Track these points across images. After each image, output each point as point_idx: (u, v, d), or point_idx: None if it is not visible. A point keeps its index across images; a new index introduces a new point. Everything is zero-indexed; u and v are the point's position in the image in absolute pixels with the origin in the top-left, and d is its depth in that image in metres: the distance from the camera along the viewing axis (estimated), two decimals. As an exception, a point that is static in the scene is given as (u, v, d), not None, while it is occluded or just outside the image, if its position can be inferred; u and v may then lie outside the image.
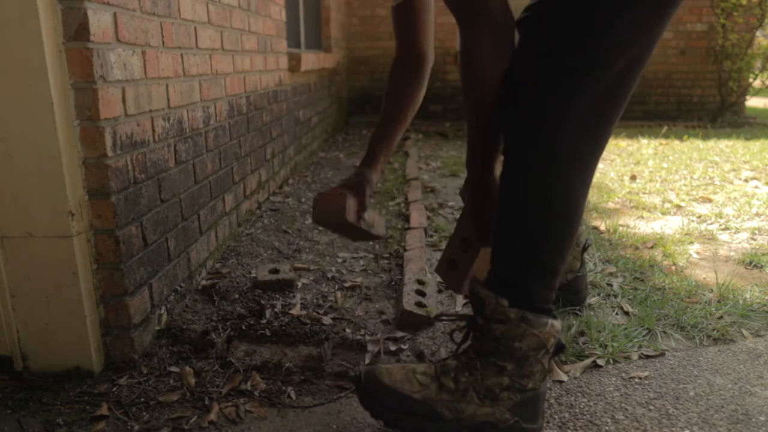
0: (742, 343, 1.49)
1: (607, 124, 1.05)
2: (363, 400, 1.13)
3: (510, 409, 1.09)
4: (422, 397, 1.09)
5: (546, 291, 1.08)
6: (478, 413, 1.08)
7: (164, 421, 1.21)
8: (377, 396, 1.10)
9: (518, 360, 1.07)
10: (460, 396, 1.08)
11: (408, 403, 1.09)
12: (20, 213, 1.27)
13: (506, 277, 1.08)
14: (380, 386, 1.10)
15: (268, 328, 1.56)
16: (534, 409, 1.10)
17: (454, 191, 3.20)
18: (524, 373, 1.08)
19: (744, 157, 4.05)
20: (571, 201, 1.06)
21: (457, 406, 1.08)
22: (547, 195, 1.05)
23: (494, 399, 1.08)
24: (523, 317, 1.05)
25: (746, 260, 2.03)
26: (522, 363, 1.07)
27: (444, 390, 1.09)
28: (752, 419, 1.19)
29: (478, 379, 1.09)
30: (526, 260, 1.07)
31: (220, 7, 2.13)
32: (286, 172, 3.36)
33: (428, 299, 1.67)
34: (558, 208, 1.05)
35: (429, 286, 1.75)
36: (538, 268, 1.07)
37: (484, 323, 1.09)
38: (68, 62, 1.23)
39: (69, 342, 1.34)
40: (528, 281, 1.07)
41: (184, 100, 1.77)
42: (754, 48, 6.14)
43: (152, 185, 1.54)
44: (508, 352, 1.07)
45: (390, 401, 1.09)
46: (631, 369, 1.38)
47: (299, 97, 3.71)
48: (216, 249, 2.07)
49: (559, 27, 1.01)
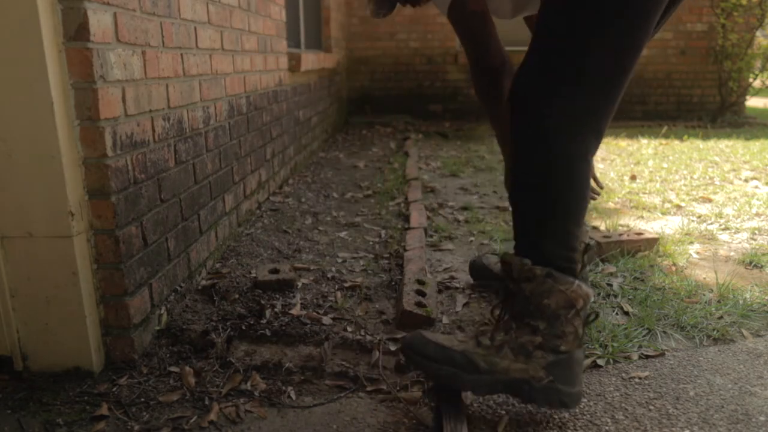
0: (742, 343, 1.49)
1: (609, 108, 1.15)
2: (405, 353, 1.21)
3: (544, 368, 1.13)
4: (461, 349, 1.17)
5: (564, 251, 1.15)
6: (512, 368, 1.14)
7: (164, 421, 1.21)
8: (419, 347, 1.19)
9: (549, 318, 1.14)
10: (495, 351, 1.16)
11: (447, 352, 1.17)
12: (20, 213, 1.27)
13: (525, 240, 1.18)
14: (423, 340, 1.20)
15: (268, 328, 1.56)
16: (570, 373, 1.14)
17: (454, 191, 3.20)
18: (556, 333, 1.14)
19: (744, 157, 4.05)
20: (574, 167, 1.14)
21: (493, 360, 1.15)
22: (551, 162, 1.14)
23: (528, 356, 1.14)
24: (549, 274, 1.13)
25: (746, 260, 2.03)
26: (553, 322, 1.14)
27: (481, 346, 1.17)
28: (752, 419, 1.19)
29: (513, 337, 1.16)
30: (537, 223, 1.16)
31: (220, 7, 2.13)
32: (286, 172, 3.36)
33: (428, 299, 1.67)
34: (561, 173, 1.14)
35: (429, 287, 1.75)
36: (550, 230, 1.15)
37: (514, 285, 1.16)
38: (68, 62, 1.23)
39: (69, 342, 1.34)
40: (543, 241, 1.15)
41: (184, 100, 1.77)
42: (754, 48, 6.13)
43: (152, 185, 1.54)
44: (538, 310, 1.14)
45: (430, 350, 1.18)
46: (631, 369, 1.38)
47: (299, 97, 3.71)
48: (216, 249, 2.07)
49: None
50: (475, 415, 1.21)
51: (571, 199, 1.15)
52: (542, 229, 1.16)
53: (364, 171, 3.78)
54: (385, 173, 3.68)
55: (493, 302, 1.50)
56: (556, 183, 1.14)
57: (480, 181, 3.45)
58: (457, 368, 1.15)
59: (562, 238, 1.16)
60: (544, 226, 1.16)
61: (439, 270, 1.97)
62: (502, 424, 1.18)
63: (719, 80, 6.25)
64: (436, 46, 6.52)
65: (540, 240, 1.16)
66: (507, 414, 1.22)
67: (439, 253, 2.15)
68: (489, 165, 3.94)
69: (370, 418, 1.22)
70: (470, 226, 2.51)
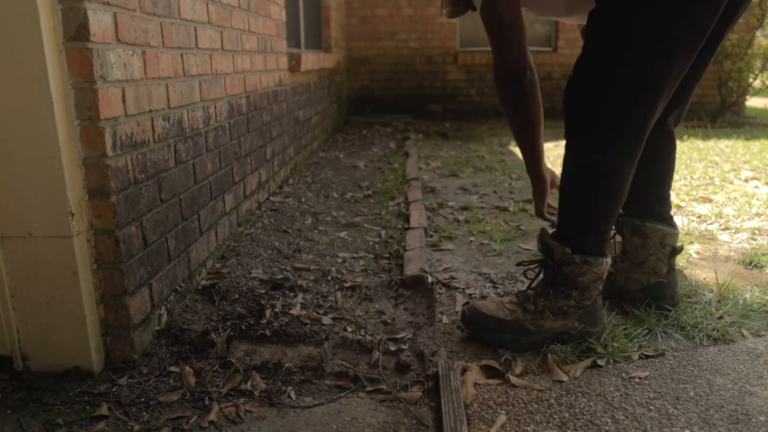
0: (742, 343, 1.49)
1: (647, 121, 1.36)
2: (470, 328, 1.51)
3: (577, 320, 1.46)
4: (513, 318, 1.47)
5: (599, 241, 1.44)
6: (555, 326, 1.46)
7: (164, 421, 1.21)
8: (481, 323, 1.49)
9: (581, 289, 1.45)
10: (539, 315, 1.47)
11: (504, 324, 1.47)
12: (20, 213, 1.27)
13: (568, 232, 1.45)
14: (481, 315, 1.49)
15: (268, 328, 1.56)
16: (594, 317, 1.47)
17: (454, 191, 3.20)
18: (585, 296, 1.45)
19: (744, 157, 4.05)
20: (617, 178, 1.38)
21: (539, 322, 1.46)
22: (599, 173, 1.38)
23: (564, 315, 1.46)
24: (586, 261, 1.42)
25: (746, 260, 2.03)
26: (584, 291, 1.45)
27: (527, 312, 1.47)
28: (752, 419, 1.19)
29: (552, 302, 1.46)
30: (582, 221, 1.44)
31: (220, 7, 2.13)
32: (286, 172, 3.36)
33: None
34: (607, 182, 1.39)
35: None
36: (592, 227, 1.43)
37: (555, 265, 1.45)
38: (68, 62, 1.23)
39: (69, 342, 1.34)
40: (585, 235, 1.44)
41: (184, 100, 1.77)
42: (754, 48, 6.12)
43: (152, 185, 1.54)
44: (574, 284, 1.45)
45: (492, 324, 1.47)
46: (631, 369, 1.38)
47: (299, 97, 3.71)
48: (216, 249, 2.07)
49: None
50: (475, 415, 1.21)
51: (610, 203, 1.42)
52: (586, 227, 1.43)
53: (364, 171, 3.78)
54: (385, 173, 3.68)
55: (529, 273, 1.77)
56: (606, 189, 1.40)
57: (480, 181, 3.45)
58: (514, 334, 1.46)
59: (601, 234, 1.44)
60: (588, 224, 1.43)
61: (439, 270, 1.97)
62: (502, 423, 1.19)
63: (719, 80, 6.25)
64: (436, 46, 6.52)
65: (582, 235, 1.43)
66: (507, 414, 1.22)
67: (439, 253, 2.15)
68: (489, 165, 3.94)
69: (370, 418, 1.22)
70: (470, 226, 2.51)
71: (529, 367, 1.39)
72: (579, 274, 1.43)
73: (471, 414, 1.22)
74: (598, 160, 1.37)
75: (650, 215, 1.63)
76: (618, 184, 1.39)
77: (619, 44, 1.29)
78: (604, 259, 1.43)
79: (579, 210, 1.43)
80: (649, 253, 1.62)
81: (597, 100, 1.35)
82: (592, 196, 1.40)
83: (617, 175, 1.38)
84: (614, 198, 1.40)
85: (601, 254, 1.44)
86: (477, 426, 1.18)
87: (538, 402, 1.26)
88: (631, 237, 1.65)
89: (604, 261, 1.43)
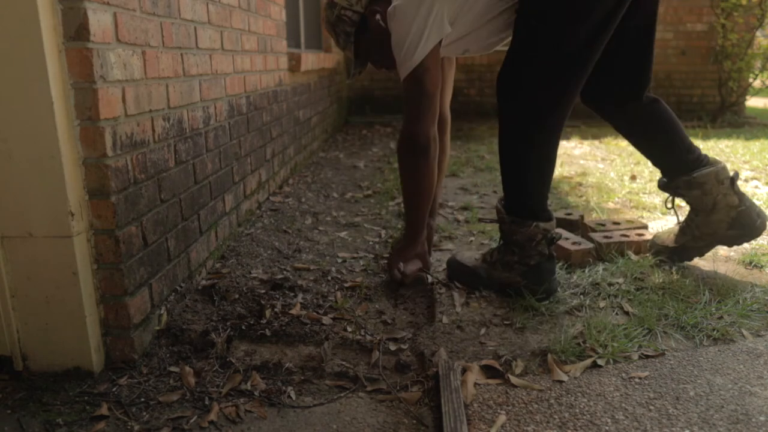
0: (742, 343, 1.49)
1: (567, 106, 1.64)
2: (448, 272, 1.89)
3: (520, 275, 1.72)
4: (473, 266, 1.82)
5: (525, 205, 1.70)
6: (502, 276, 1.76)
7: (164, 421, 1.21)
8: (453, 267, 1.88)
9: (519, 246, 1.71)
10: (491, 266, 1.78)
11: (467, 269, 1.83)
12: (20, 213, 1.27)
13: (506, 196, 1.74)
14: (455, 261, 1.87)
15: (268, 328, 1.56)
16: (538, 277, 1.71)
17: (454, 191, 3.20)
18: (526, 254, 1.71)
19: (744, 157, 4.05)
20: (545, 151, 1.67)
21: (490, 272, 1.78)
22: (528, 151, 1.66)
23: (510, 268, 1.74)
24: (513, 220, 1.71)
25: (746, 260, 2.03)
26: (522, 248, 1.71)
27: (485, 262, 1.81)
28: (752, 419, 1.19)
29: (502, 256, 1.76)
30: (511, 187, 1.72)
31: (220, 7, 2.13)
32: (286, 172, 3.36)
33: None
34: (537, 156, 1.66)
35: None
36: (518, 192, 1.71)
37: (501, 224, 1.76)
38: (68, 62, 1.23)
39: (69, 342, 1.34)
40: (514, 199, 1.72)
41: (184, 100, 1.77)
42: (754, 48, 6.12)
43: (152, 185, 1.54)
44: (512, 242, 1.73)
45: (459, 269, 1.85)
46: (631, 369, 1.38)
47: (299, 97, 3.71)
48: (216, 249, 2.07)
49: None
50: (475, 415, 1.21)
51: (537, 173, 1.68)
52: (518, 191, 1.71)
53: (364, 171, 3.78)
54: (385, 173, 3.68)
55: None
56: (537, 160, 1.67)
57: (480, 181, 3.45)
58: (472, 278, 1.81)
59: (536, 196, 1.70)
60: (520, 189, 1.71)
61: (439, 270, 1.97)
62: (502, 423, 1.19)
63: (719, 80, 6.25)
64: (436, 46, 6.50)
65: (511, 198, 1.73)
66: (507, 414, 1.22)
67: (439, 253, 2.15)
68: (489, 165, 3.94)
69: (370, 418, 1.22)
70: (470, 226, 2.51)
71: (529, 367, 1.39)
72: (511, 233, 1.71)
73: (471, 414, 1.22)
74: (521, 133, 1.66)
75: (689, 166, 1.81)
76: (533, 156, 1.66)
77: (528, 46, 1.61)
78: (533, 222, 1.67)
79: (507, 178, 1.72)
80: (714, 195, 1.79)
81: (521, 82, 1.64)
82: (515, 166, 1.69)
83: (534, 148, 1.65)
84: (532, 168, 1.67)
85: (530, 217, 1.68)
86: (477, 426, 1.18)
87: (538, 402, 1.26)
88: (690, 192, 1.83)
89: (533, 224, 1.67)
